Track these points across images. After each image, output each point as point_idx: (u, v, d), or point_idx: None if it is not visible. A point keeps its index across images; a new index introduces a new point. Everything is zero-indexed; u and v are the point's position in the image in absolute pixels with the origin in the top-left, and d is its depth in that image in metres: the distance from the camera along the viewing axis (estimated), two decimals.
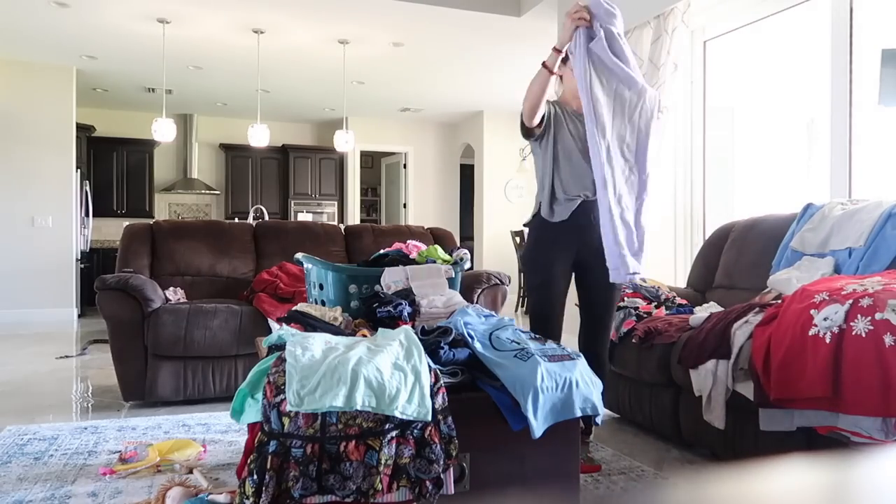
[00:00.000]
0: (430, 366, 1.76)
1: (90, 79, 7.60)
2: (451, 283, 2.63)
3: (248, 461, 1.59)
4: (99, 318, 5.86)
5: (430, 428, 1.63)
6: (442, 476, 1.61)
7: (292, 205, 9.87)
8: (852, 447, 1.91)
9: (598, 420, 1.90)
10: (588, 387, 1.85)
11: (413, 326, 2.10)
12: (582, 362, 1.91)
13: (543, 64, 2.40)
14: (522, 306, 8.65)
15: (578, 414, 1.82)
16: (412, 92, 8.31)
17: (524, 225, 2.75)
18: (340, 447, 1.55)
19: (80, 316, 7.50)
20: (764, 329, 2.21)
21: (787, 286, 2.57)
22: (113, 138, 9.00)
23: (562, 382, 1.81)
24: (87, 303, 7.62)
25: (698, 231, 4.27)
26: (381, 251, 3.09)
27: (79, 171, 7.53)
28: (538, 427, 1.74)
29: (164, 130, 6.26)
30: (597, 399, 1.86)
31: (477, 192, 9.69)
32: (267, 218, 7.03)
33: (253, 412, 1.73)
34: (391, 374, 1.67)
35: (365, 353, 1.74)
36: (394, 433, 1.59)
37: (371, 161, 11.26)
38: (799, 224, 2.96)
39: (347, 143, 7.22)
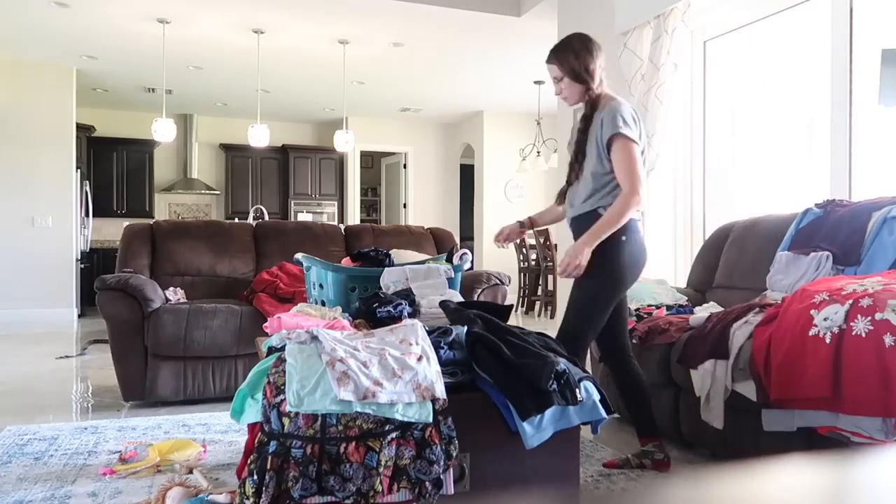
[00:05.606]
0: None
1: (90, 79, 7.60)
2: (451, 283, 2.63)
3: (248, 461, 1.59)
4: (99, 318, 5.85)
5: (430, 429, 1.63)
6: (442, 477, 1.61)
7: (292, 205, 9.87)
8: (852, 447, 1.91)
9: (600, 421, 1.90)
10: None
11: None
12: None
13: None
14: (523, 306, 8.65)
15: (577, 422, 1.82)
16: (412, 92, 8.31)
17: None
18: (340, 448, 1.55)
19: (80, 316, 7.50)
20: (764, 329, 2.21)
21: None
22: (113, 138, 9.00)
23: None
24: (87, 303, 7.61)
25: (698, 231, 4.26)
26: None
27: (79, 171, 7.53)
28: (540, 437, 1.75)
29: (164, 130, 6.26)
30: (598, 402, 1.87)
31: (477, 192, 9.70)
32: (267, 218, 7.03)
33: (253, 412, 1.73)
34: None
35: None
36: (394, 434, 1.59)
37: (371, 161, 11.26)
38: (798, 230, 2.95)
39: (347, 143, 7.22)
